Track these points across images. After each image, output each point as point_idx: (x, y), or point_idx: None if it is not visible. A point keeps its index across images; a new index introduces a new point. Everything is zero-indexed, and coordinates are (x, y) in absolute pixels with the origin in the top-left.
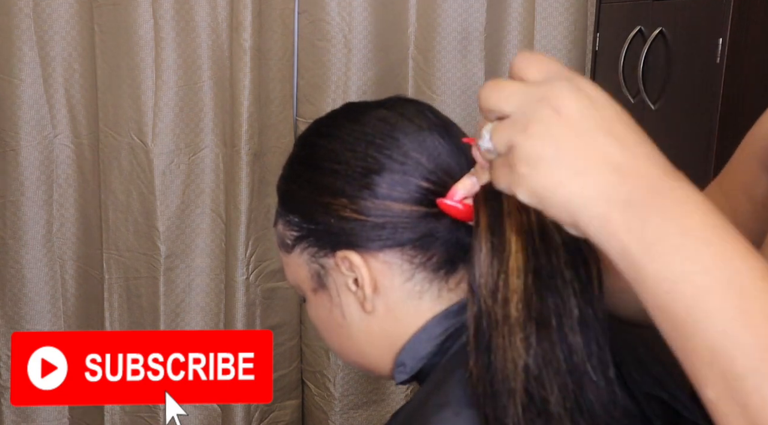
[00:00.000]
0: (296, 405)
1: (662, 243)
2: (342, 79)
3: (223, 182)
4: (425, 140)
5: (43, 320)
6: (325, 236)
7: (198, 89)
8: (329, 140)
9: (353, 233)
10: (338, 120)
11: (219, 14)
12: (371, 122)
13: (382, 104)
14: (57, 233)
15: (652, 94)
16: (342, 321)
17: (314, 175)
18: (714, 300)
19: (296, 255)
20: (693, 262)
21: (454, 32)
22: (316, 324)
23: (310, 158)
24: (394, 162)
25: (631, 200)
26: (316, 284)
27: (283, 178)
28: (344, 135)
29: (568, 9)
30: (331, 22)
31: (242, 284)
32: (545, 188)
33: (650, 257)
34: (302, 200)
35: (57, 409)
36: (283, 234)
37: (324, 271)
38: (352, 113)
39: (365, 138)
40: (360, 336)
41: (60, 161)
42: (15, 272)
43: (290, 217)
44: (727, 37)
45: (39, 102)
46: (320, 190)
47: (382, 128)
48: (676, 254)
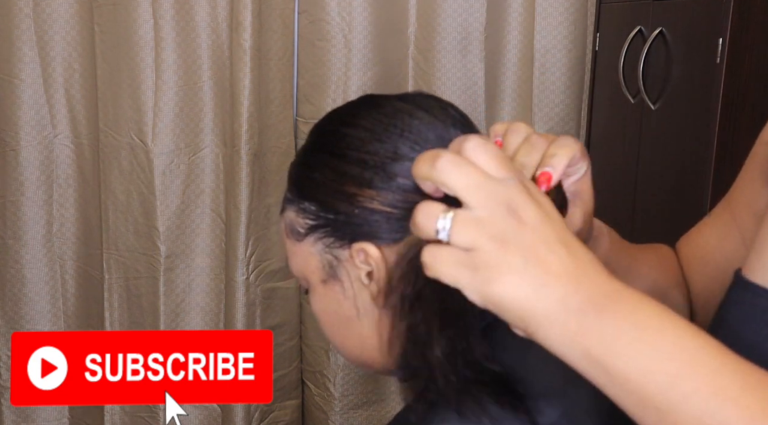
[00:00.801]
0: (296, 405)
1: (621, 340)
2: (342, 79)
3: (223, 182)
4: (449, 135)
5: (43, 320)
6: (345, 226)
7: (198, 89)
8: (355, 129)
9: (376, 225)
10: (362, 110)
11: (219, 14)
12: (397, 114)
13: (403, 98)
14: (57, 233)
15: (652, 95)
16: (351, 315)
17: (339, 164)
18: (688, 383)
19: (308, 244)
20: (655, 351)
21: (454, 32)
22: (320, 316)
23: (333, 146)
24: (419, 151)
25: (586, 306)
26: (327, 275)
27: (300, 165)
28: (370, 125)
29: (568, 9)
30: (331, 22)
31: (242, 284)
32: (507, 297)
33: (614, 355)
34: (323, 188)
35: (57, 409)
36: (294, 222)
37: (337, 262)
38: (375, 104)
39: (393, 129)
40: (368, 330)
41: (60, 161)
42: (15, 272)
43: (305, 204)
44: (727, 37)
45: (39, 102)
46: (345, 179)
47: (409, 121)
48: (638, 348)
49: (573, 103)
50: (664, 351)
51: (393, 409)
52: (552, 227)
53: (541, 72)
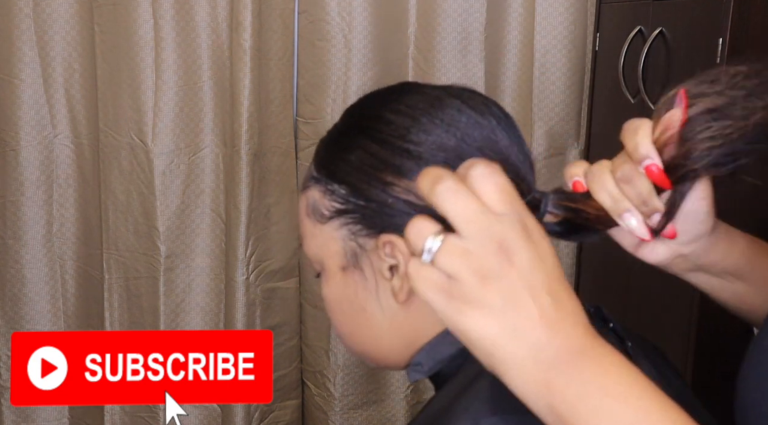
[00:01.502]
0: (296, 405)
1: (584, 404)
2: (342, 79)
3: (223, 182)
4: (494, 132)
5: (43, 320)
6: (376, 215)
7: (198, 89)
8: (398, 116)
9: (408, 219)
10: (405, 96)
11: (219, 14)
12: (444, 106)
13: (448, 90)
14: (57, 233)
15: (652, 95)
16: (367, 306)
17: (380, 150)
18: None
19: (332, 228)
20: (615, 419)
21: (454, 32)
22: (330, 304)
23: (375, 131)
24: (463, 152)
25: (555, 360)
26: (348, 263)
27: (333, 144)
28: (415, 113)
29: (568, 9)
30: (331, 22)
31: (242, 284)
32: (474, 334)
33: (576, 416)
34: (357, 172)
35: (57, 409)
36: (318, 202)
37: (361, 251)
38: (419, 91)
39: (439, 122)
40: (382, 324)
41: (60, 161)
42: (15, 272)
43: (335, 186)
44: (727, 37)
45: (39, 102)
46: (383, 166)
47: (457, 116)
48: (598, 414)
49: (573, 103)
50: (625, 421)
51: (393, 409)
52: (542, 273)
53: (541, 72)
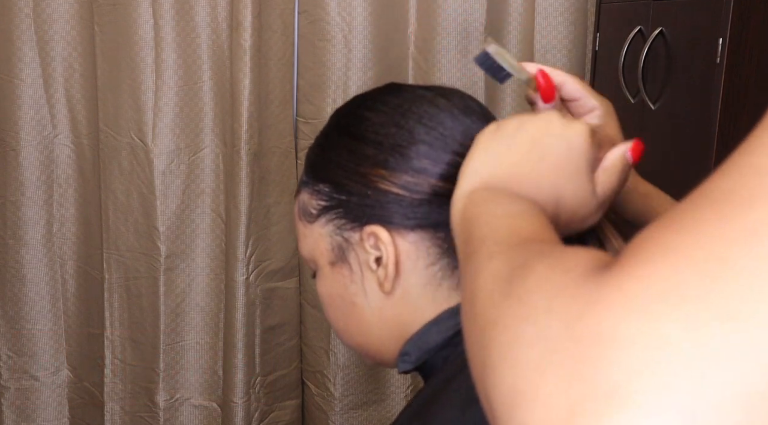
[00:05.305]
0: (296, 405)
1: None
2: (342, 79)
3: (223, 182)
4: (470, 125)
5: (44, 320)
6: (357, 208)
7: (198, 89)
8: (374, 113)
9: (389, 209)
10: (384, 95)
11: (219, 14)
12: (417, 100)
13: (427, 88)
14: (57, 233)
15: (652, 94)
16: (356, 300)
17: (357, 145)
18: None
19: (319, 226)
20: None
21: (454, 32)
22: (324, 300)
23: (352, 128)
24: (437, 141)
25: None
26: (335, 258)
27: (317, 147)
28: (390, 110)
29: (568, 9)
30: (331, 22)
31: (242, 284)
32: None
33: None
34: (338, 169)
35: (57, 409)
36: (307, 204)
37: (347, 245)
38: (397, 91)
39: (411, 115)
40: (371, 317)
41: (60, 161)
42: (15, 272)
43: (319, 186)
44: (727, 37)
45: (39, 102)
46: (361, 160)
47: (428, 108)
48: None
49: None
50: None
51: (393, 409)
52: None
53: None
